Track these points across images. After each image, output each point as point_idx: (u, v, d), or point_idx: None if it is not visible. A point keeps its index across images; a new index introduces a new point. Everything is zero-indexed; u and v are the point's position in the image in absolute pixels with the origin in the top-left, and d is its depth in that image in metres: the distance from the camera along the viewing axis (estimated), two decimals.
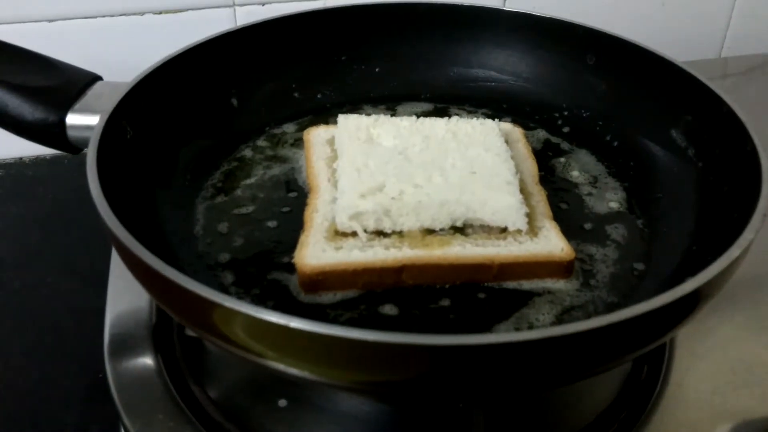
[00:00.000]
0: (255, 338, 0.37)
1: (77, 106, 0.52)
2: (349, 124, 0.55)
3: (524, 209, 0.48)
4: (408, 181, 0.50)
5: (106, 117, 0.48)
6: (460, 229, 0.48)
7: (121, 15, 0.77)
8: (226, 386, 0.52)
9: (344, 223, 0.48)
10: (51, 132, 0.51)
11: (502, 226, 0.48)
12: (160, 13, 0.78)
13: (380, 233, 0.48)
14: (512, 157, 0.53)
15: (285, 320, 0.34)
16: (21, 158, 0.81)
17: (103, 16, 0.77)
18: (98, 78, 0.54)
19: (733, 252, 0.39)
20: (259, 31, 0.62)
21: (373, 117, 0.56)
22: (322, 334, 0.34)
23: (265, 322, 0.35)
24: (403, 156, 0.52)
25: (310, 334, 0.34)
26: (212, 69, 0.59)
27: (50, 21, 0.76)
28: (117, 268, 0.59)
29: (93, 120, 0.50)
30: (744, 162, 0.48)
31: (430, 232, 0.48)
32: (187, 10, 0.78)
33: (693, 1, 0.91)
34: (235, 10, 0.80)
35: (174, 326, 0.54)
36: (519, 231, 0.48)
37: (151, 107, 0.53)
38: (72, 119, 0.51)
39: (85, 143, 0.51)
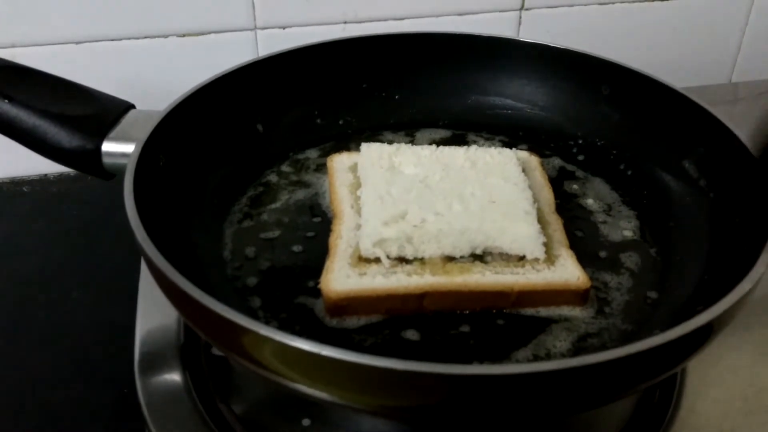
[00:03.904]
0: (286, 363, 0.39)
1: (112, 134, 0.53)
2: (371, 152, 0.57)
3: (542, 238, 0.50)
4: (429, 209, 0.51)
5: (141, 145, 0.50)
6: (479, 257, 0.50)
7: (145, 38, 0.80)
8: (251, 404, 0.53)
9: (368, 250, 0.49)
10: (87, 159, 0.53)
11: (521, 254, 0.50)
12: (184, 35, 0.80)
13: (402, 260, 0.50)
14: (530, 186, 0.55)
15: (317, 348, 0.36)
16: (45, 175, 0.83)
17: (128, 39, 0.79)
18: (131, 106, 0.56)
19: (745, 285, 0.41)
20: (283, 61, 0.64)
21: (395, 146, 0.58)
22: (352, 362, 0.36)
23: (298, 350, 0.36)
24: (424, 184, 0.54)
25: (340, 362, 0.36)
26: (238, 97, 0.61)
27: (77, 43, 0.78)
28: (145, 288, 0.60)
29: (128, 148, 0.52)
30: (754, 194, 0.49)
31: (450, 259, 0.50)
32: (210, 33, 0.80)
33: (703, 27, 0.92)
34: (256, 33, 0.81)
35: (201, 345, 0.56)
36: (537, 259, 0.50)
37: (182, 135, 0.55)
38: (107, 147, 0.53)
39: (118, 170, 0.53)
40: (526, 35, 0.68)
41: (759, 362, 0.56)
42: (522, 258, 0.50)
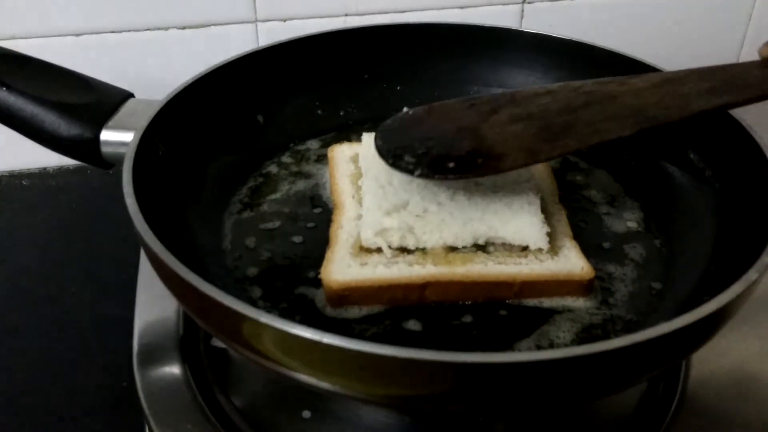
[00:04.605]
0: (286, 352, 0.38)
1: (111, 123, 0.53)
2: (373, 142, 0.57)
3: (546, 229, 0.49)
4: (431, 200, 0.51)
5: (140, 134, 0.49)
6: (482, 247, 0.49)
7: (146, 30, 0.79)
8: (251, 396, 0.53)
9: (369, 239, 0.49)
10: (86, 148, 0.53)
11: (524, 244, 0.49)
12: (184, 28, 0.80)
13: (404, 250, 0.49)
14: (533, 177, 0.54)
15: (318, 336, 0.36)
16: (45, 168, 0.83)
17: (128, 31, 0.79)
18: (130, 95, 0.56)
19: (751, 275, 0.40)
20: (284, 51, 0.63)
21: None
22: (353, 350, 0.35)
23: (298, 338, 0.36)
24: None
25: (342, 349, 0.35)
26: (239, 87, 0.61)
27: (77, 35, 0.78)
28: (144, 280, 0.60)
29: (126, 137, 0.51)
30: (760, 184, 0.49)
31: (452, 249, 0.49)
32: (211, 25, 0.80)
33: (707, 20, 0.92)
34: (257, 25, 0.81)
35: (200, 337, 0.56)
36: (540, 250, 0.49)
37: (181, 124, 0.55)
38: (106, 136, 0.53)
39: (117, 159, 0.53)
40: (529, 28, 0.68)
41: (765, 355, 0.56)
42: (525, 248, 0.49)
